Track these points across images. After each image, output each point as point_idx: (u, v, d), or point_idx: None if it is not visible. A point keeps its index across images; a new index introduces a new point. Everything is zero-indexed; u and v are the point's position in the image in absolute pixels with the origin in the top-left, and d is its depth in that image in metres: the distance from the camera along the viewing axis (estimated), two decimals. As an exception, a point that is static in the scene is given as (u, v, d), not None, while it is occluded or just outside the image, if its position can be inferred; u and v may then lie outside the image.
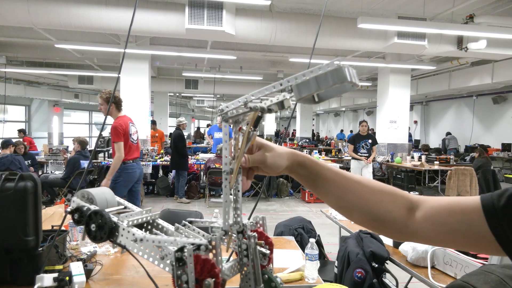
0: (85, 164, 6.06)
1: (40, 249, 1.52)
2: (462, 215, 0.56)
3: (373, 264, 2.00)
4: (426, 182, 9.06)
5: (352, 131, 18.86)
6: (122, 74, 7.62)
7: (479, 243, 0.55)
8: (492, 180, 6.94)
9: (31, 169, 6.73)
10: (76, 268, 1.52)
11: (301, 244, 2.36)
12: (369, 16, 5.67)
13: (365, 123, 6.93)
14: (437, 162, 8.09)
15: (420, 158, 8.19)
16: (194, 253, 0.49)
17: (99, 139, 7.34)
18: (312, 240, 1.73)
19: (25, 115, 15.62)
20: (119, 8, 5.34)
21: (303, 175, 0.66)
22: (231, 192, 0.58)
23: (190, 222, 0.65)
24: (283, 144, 9.93)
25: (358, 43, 6.36)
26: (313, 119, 22.93)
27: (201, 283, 0.48)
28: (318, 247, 1.89)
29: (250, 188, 6.95)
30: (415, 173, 8.20)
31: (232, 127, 0.58)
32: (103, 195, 0.67)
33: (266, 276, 0.61)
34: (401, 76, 9.03)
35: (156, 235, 0.62)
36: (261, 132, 21.45)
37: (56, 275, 1.43)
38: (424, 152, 9.93)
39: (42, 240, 1.54)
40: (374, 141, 6.90)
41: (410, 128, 12.47)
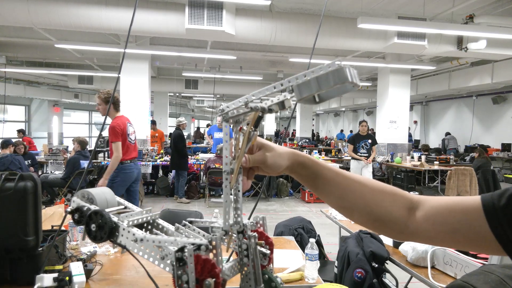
0: (85, 164, 6.06)
1: (40, 249, 1.52)
2: (462, 215, 0.56)
3: (373, 264, 2.00)
4: (426, 182, 9.07)
5: (352, 131, 18.85)
6: (122, 74, 7.62)
7: (480, 242, 0.55)
8: (492, 180, 6.94)
9: (31, 169, 6.73)
10: (76, 268, 1.52)
11: (301, 244, 2.36)
12: (369, 16, 5.67)
13: (365, 123, 6.92)
14: (437, 162, 8.09)
15: (420, 158, 8.19)
16: (194, 253, 0.49)
17: (99, 139, 7.33)
18: (312, 240, 1.73)
19: (25, 115, 15.62)
20: (119, 8, 5.34)
21: (304, 175, 0.66)
22: (231, 192, 0.58)
23: (191, 222, 0.65)
24: (283, 144, 9.92)
25: (358, 43, 6.36)
26: (313, 119, 22.93)
27: (202, 283, 0.48)
28: (318, 247, 1.89)
29: (250, 188, 6.94)
30: (415, 173, 8.20)
31: (232, 127, 0.58)
32: (103, 195, 0.66)
33: (266, 276, 0.61)
34: (401, 76, 9.03)
35: (156, 235, 0.62)
36: (261, 132, 21.45)
37: (56, 275, 1.43)
38: (424, 152, 9.93)
39: (42, 240, 1.54)
40: (374, 141, 6.90)
41: (410, 128, 12.47)
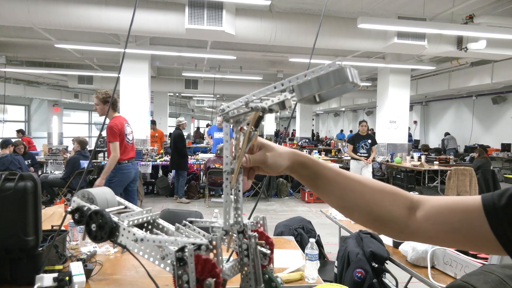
0: (84, 164, 6.06)
1: (40, 249, 1.52)
2: (463, 215, 0.56)
3: (373, 264, 2.00)
4: (426, 182, 9.07)
5: (351, 131, 18.86)
6: (122, 74, 7.62)
7: (480, 242, 0.55)
8: (491, 180, 6.95)
9: (31, 169, 6.72)
10: (76, 268, 1.52)
11: (301, 244, 2.36)
12: (369, 16, 5.67)
13: (365, 123, 6.91)
14: (437, 162, 8.09)
15: (419, 158, 8.19)
16: (195, 253, 0.49)
17: (99, 139, 7.33)
18: (312, 240, 1.73)
19: (25, 115, 15.61)
20: (119, 8, 5.34)
21: (304, 175, 0.66)
22: (231, 192, 0.58)
23: (191, 222, 0.65)
24: (283, 144, 9.92)
25: (358, 43, 6.36)
26: (313, 119, 22.92)
27: (202, 283, 0.48)
28: (318, 247, 1.89)
29: (249, 188, 6.96)
30: (415, 173, 8.20)
31: (233, 127, 0.58)
32: (103, 195, 0.66)
33: (266, 276, 0.61)
34: (401, 76, 9.04)
35: (157, 235, 0.62)
36: (261, 132, 21.44)
37: (56, 275, 1.42)
38: (424, 152, 9.94)
39: (42, 240, 1.54)
40: (374, 141, 6.89)
41: (410, 129, 12.47)
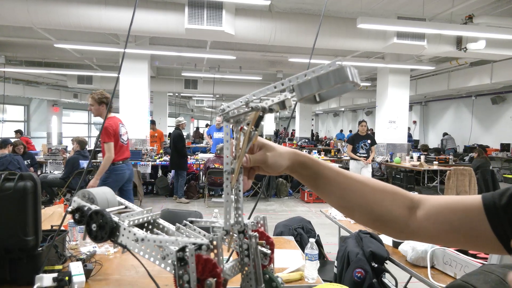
0: (84, 164, 6.06)
1: (40, 249, 1.51)
2: (463, 214, 0.56)
3: (373, 264, 2.00)
4: (425, 182, 9.08)
5: (351, 131, 18.87)
6: (122, 74, 7.62)
7: (480, 241, 0.55)
8: (491, 180, 6.95)
9: (31, 169, 6.71)
10: (76, 268, 1.52)
11: (300, 244, 2.36)
12: (369, 16, 5.67)
13: (364, 123, 6.90)
14: (436, 162, 8.09)
15: (419, 158, 8.19)
16: (195, 253, 0.49)
17: (98, 139, 7.32)
18: (312, 240, 1.73)
19: (24, 115, 15.60)
20: (118, 8, 5.34)
21: (305, 175, 0.66)
22: (232, 192, 0.58)
23: (191, 222, 0.65)
24: (283, 144, 9.91)
25: (358, 43, 6.37)
26: (312, 119, 22.94)
27: (203, 283, 0.48)
28: (318, 247, 1.89)
29: (249, 188, 6.96)
30: (414, 173, 8.21)
31: (233, 127, 0.58)
32: (104, 195, 0.66)
33: (267, 276, 0.61)
34: (400, 76, 9.04)
35: (157, 235, 0.62)
36: (261, 132, 21.40)
37: (55, 275, 1.42)
38: (423, 152, 9.94)
39: (42, 240, 1.54)
40: (373, 142, 6.88)
41: (410, 129, 12.47)
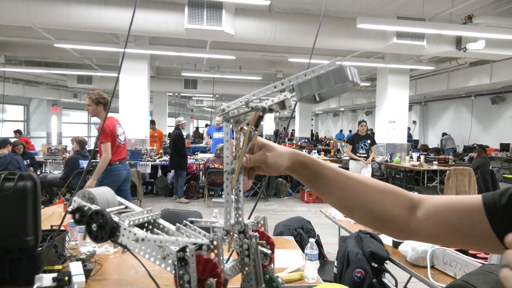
0: (84, 164, 6.05)
1: (40, 249, 1.51)
2: (463, 214, 0.56)
3: (373, 264, 2.00)
4: (425, 182, 9.08)
5: (351, 131, 18.87)
6: (121, 73, 7.61)
7: (480, 241, 0.55)
8: (490, 180, 6.95)
9: (31, 169, 6.70)
10: (75, 268, 1.52)
11: (300, 244, 2.36)
12: (368, 16, 5.67)
13: (364, 123, 6.88)
14: (436, 162, 8.10)
15: (418, 158, 8.20)
16: (196, 253, 0.49)
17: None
18: (312, 240, 1.73)
19: (24, 115, 15.59)
20: (118, 7, 5.34)
21: (305, 175, 0.65)
22: (232, 192, 0.58)
23: (191, 222, 0.65)
24: (283, 144, 9.91)
25: (357, 43, 6.37)
26: (312, 119, 22.94)
27: (203, 283, 0.48)
28: (318, 247, 1.89)
29: (249, 188, 6.96)
30: (414, 173, 8.21)
31: (233, 127, 0.58)
32: (104, 195, 0.66)
33: (267, 276, 0.61)
34: (400, 76, 9.04)
35: (158, 235, 0.62)
36: (260, 132, 21.41)
37: (55, 275, 1.42)
38: (423, 152, 9.95)
39: (42, 240, 1.54)
40: (373, 142, 6.87)
41: (409, 129, 12.48)
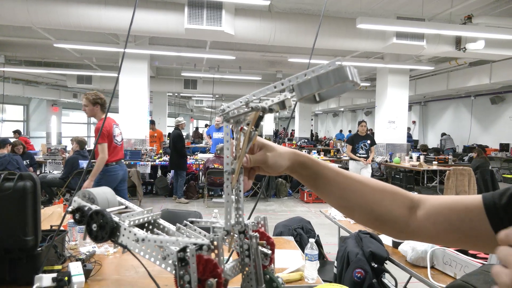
0: (83, 164, 6.05)
1: (39, 249, 1.51)
2: (463, 214, 0.56)
3: (373, 264, 2.00)
4: (425, 182, 9.08)
5: (350, 131, 18.87)
6: (121, 73, 7.61)
7: (480, 241, 0.55)
8: (490, 180, 6.95)
9: (31, 169, 6.69)
10: (75, 268, 1.52)
11: (300, 244, 2.36)
12: (368, 16, 5.67)
13: (364, 123, 6.87)
14: (436, 162, 8.10)
15: (418, 158, 8.20)
16: (196, 253, 0.49)
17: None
18: (311, 240, 1.73)
19: (23, 115, 15.58)
20: (118, 7, 5.34)
21: (305, 175, 0.65)
22: (232, 192, 0.58)
23: (192, 222, 0.65)
24: (282, 144, 9.90)
25: (357, 43, 6.37)
26: (312, 119, 22.94)
27: (204, 283, 0.48)
28: (317, 247, 1.89)
29: (249, 188, 6.97)
30: (414, 173, 8.21)
31: (233, 127, 0.58)
32: (104, 195, 0.66)
33: (267, 276, 0.61)
34: (400, 76, 9.05)
35: (158, 235, 0.62)
36: (260, 132, 21.42)
37: (55, 275, 1.42)
38: (423, 152, 9.95)
39: (41, 240, 1.54)
40: (373, 142, 6.86)
41: (409, 129, 12.48)
